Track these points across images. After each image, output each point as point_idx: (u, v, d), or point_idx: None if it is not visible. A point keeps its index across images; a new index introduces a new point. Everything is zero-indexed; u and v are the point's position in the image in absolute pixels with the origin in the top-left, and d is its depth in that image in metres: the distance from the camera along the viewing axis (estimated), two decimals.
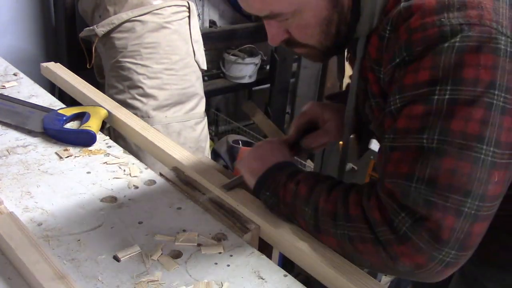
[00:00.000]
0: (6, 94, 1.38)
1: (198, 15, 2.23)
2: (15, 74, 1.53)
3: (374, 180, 0.82)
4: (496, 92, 0.70)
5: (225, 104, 3.21)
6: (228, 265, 0.86)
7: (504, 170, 0.72)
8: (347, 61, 1.02)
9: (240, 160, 1.02)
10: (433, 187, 0.71)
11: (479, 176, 0.71)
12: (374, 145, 1.48)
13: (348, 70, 1.05)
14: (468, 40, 0.70)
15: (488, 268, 1.00)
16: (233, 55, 2.81)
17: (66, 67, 1.55)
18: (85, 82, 1.46)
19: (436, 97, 0.72)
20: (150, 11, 1.87)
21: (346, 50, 0.99)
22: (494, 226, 0.76)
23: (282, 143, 1.02)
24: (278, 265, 0.88)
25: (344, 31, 0.85)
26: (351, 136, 1.05)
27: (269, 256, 0.91)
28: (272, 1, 0.80)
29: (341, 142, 1.04)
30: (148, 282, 0.81)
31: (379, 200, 0.77)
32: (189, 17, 2.00)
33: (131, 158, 1.15)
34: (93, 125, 1.21)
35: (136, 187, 1.05)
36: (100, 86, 2.01)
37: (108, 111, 1.29)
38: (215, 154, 2.65)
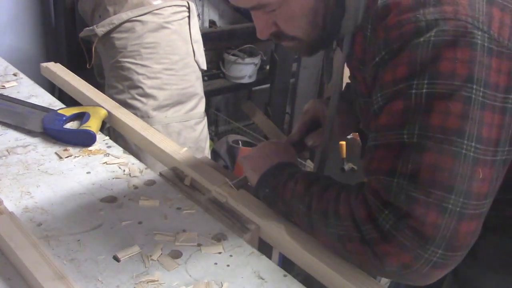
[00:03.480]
0: (6, 94, 1.38)
1: (198, 15, 2.23)
2: (15, 74, 1.53)
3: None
4: (475, 87, 0.69)
5: (225, 104, 3.21)
6: (228, 265, 0.86)
7: (490, 167, 0.71)
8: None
9: (244, 156, 1.01)
10: (415, 182, 0.70)
11: (461, 172, 0.69)
12: None
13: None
14: (443, 34, 0.70)
15: (482, 270, 0.98)
16: (233, 55, 2.81)
17: (66, 67, 1.55)
18: (85, 82, 1.46)
19: (414, 91, 0.71)
20: (150, 11, 1.87)
21: (333, 54, 0.98)
22: (488, 228, 0.75)
23: (288, 144, 1.03)
24: (278, 265, 0.88)
25: (330, 24, 0.85)
26: (350, 137, 1.04)
27: (269, 256, 0.91)
28: None
29: (342, 142, 1.03)
30: (148, 282, 0.81)
31: (365, 199, 0.76)
32: (189, 17, 1.99)
33: (131, 158, 1.15)
34: (93, 125, 1.21)
35: (136, 187, 1.05)
36: (100, 86, 2.01)
37: (108, 111, 1.29)
38: (215, 154, 2.65)
